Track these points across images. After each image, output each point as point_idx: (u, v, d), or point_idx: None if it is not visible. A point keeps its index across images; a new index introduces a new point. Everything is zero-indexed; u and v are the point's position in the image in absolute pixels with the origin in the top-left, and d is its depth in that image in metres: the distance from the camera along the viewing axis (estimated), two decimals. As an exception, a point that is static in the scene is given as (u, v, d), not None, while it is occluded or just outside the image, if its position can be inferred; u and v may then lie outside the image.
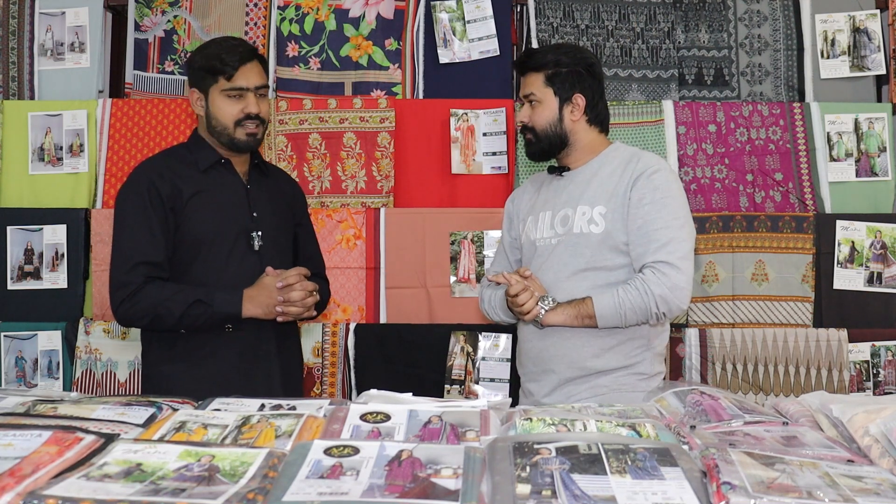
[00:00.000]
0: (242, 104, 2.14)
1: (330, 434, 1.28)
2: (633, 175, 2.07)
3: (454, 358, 3.00)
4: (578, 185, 2.16)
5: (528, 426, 1.29)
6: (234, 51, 2.14)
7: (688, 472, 1.08)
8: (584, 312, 2.02)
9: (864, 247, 3.10)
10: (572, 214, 2.12)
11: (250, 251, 2.18)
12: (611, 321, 2.01)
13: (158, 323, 2.08)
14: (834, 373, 2.99)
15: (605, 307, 2.00)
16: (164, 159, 2.23)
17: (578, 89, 2.15)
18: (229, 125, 2.15)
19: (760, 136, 3.20)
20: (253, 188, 2.26)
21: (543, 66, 2.16)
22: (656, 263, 1.99)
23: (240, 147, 2.18)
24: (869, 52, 3.26)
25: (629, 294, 1.99)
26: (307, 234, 2.44)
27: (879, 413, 1.27)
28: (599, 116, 2.20)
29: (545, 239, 2.17)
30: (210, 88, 2.15)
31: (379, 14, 3.30)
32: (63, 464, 1.11)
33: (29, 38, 3.30)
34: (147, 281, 2.07)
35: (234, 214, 2.19)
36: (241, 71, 2.13)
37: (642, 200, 2.04)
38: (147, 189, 2.11)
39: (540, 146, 2.19)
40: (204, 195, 2.16)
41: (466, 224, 3.12)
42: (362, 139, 3.20)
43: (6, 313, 3.13)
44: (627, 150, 2.19)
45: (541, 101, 2.17)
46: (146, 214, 2.09)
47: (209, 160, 2.20)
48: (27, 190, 3.21)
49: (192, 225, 2.13)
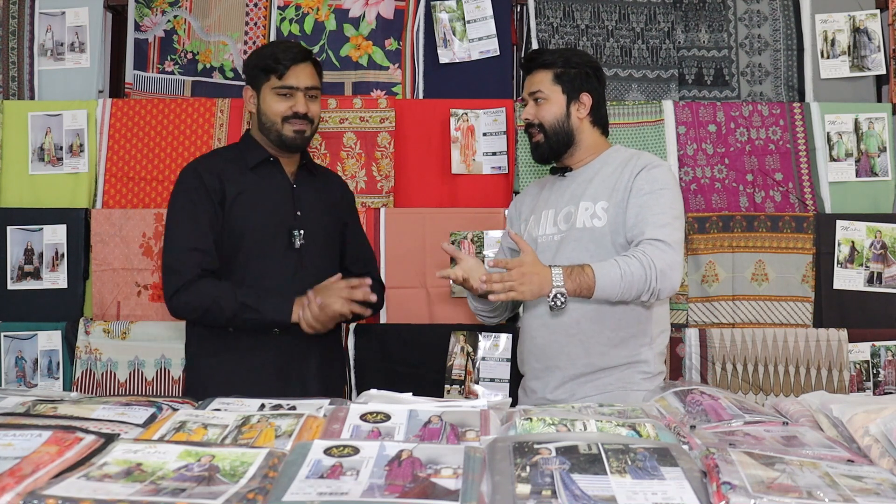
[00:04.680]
0: (291, 102, 2.21)
1: (330, 434, 1.28)
2: (635, 170, 2.10)
3: (454, 358, 3.00)
4: (581, 183, 2.18)
5: (528, 426, 1.29)
6: (288, 51, 2.23)
7: (688, 472, 1.08)
8: (585, 281, 1.90)
9: (864, 247, 3.10)
10: (575, 211, 2.14)
11: (290, 249, 2.23)
12: (609, 291, 1.92)
13: (208, 319, 2.15)
14: (834, 373, 2.99)
15: (605, 275, 1.91)
16: (214, 157, 2.34)
17: (586, 89, 2.20)
18: (277, 121, 2.22)
19: (760, 136, 3.20)
20: (299, 188, 2.30)
21: (552, 65, 2.20)
22: (654, 241, 1.97)
23: (287, 144, 2.24)
24: (869, 52, 3.26)
25: (631, 265, 1.92)
26: (354, 234, 2.47)
27: (879, 413, 1.27)
28: (602, 119, 2.25)
29: (547, 235, 2.18)
30: (262, 86, 2.23)
31: (379, 14, 3.30)
32: (63, 464, 1.11)
33: (29, 38, 3.30)
34: (202, 274, 2.13)
35: (277, 212, 2.24)
36: (292, 70, 2.20)
37: (641, 190, 2.07)
38: (196, 184, 2.19)
39: (548, 143, 2.20)
40: (249, 192, 2.23)
41: (466, 224, 3.12)
42: (362, 139, 3.20)
43: (6, 313, 3.13)
44: (628, 151, 2.23)
45: (548, 98, 2.19)
46: (195, 207, 2.17)
47: (257, 158, 2.27)
48: (27, 190, 3.21)
49: (236, 220, 2.20)
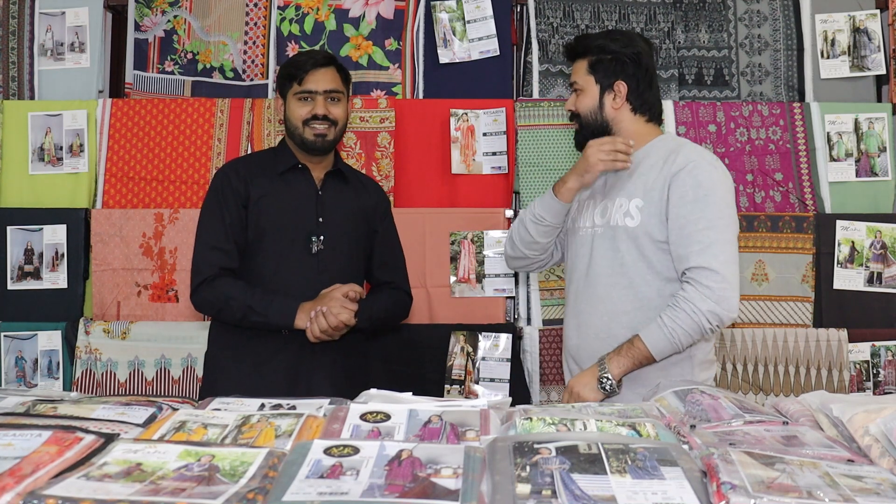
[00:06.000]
0: (311, 106, 2.26)
1: (330, 434, 1.28)
2: (672, 171, 2.00)
3: (454, 358, 3.00)
4: (620, 176, 2.10)
5: (528, 426, 1.29)
6: (309, 58, 2.28)
7: (688, 472, 1.08)
8: (639, 356, 1.93)
9: (864, 247, 3.10)
10: (611, 206, 2.08)
11: (307, 254, 2.26)
12: (666, 352, 1.93)
13: (223, 317, 2.24)
14: (834, 373, 2.99)
15: (657, 341, 1.92)
16: (247, 160, 2.44)
17: (621, 77, 2.09)
18: (299, 125, 2.26)
19: (760, 136, 3.20)
20: (325, 194, 2.33)
21: (588, 52, 2.12)
22: (698, 271, 1.91)
23: (309, 146, 2.28)
24: (869, 52, 3.26)
25: (677, 319, 1.90)
26: (384, 241, 2.44)
27: (879, 413, 1.27)
28: (646, 105, 2.12)
29: (585, 228, 2.14)
30: (287, 93, 2.30)
31: (379, 14, 3.30)
32: (63, 464, 1.11)
33: (29, 38, 3.30)
34: (221, 273, 2.21)
35: (297, 217, 2.27)
36: (311, 75, 2.25)
37: (684, 198, 1.96)
38: (223, 186, 2.28)
39: (583, 134, 2.14)
40: (272, 196, 2.28)
41: (466, 224, 3.12)
42: (362, 139, 3.20)
43: (6, 313, 3.13)
44: (671, 142, 2.11)
45: (583, 89, 2.13)
46: (220, 208, 2.26)
47: (286, 164, 2.32)
48: (27, 190, 3.21)
49: (257, 223, 2.26)
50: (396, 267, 2.46)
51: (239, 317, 2.18)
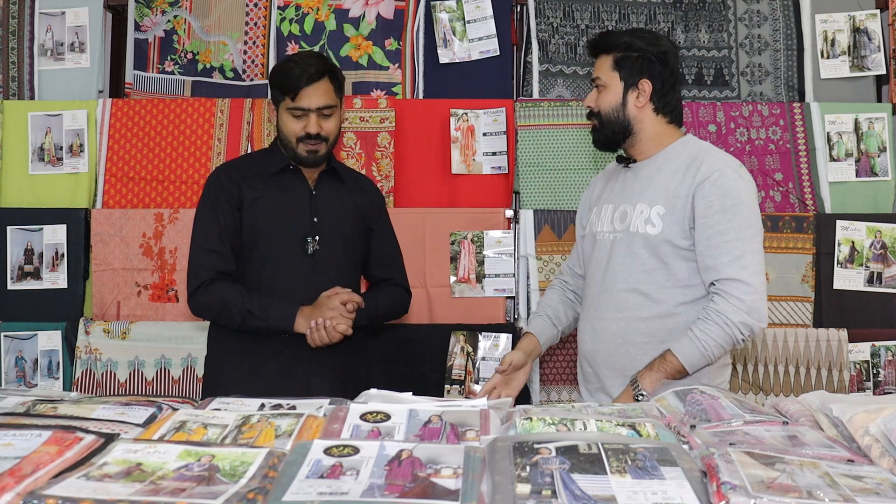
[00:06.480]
0: (304, 123, 2.22)
1: (330, 434, 1.28)
2: (697, 180, 1.96)
3: (454, 358, 3.00)
4: (641, 180, 2.06)
5: (528, 426, 1.29)
6: (304, 71, 2.21)
7: (688, 472, 1.08)
8: (672, 370, 1.91)
9: (864, 247, 3.10)
10: (631, 211, 2.05)
11: (303, 255, 2.25)
12: (699, 364, 1.92)
13: (221, 320, 2.24)
14: (834, 373, 2.99)
15: (691, 355, 1.90)
16: (240, 162, 2.43)
17: (646, 75, 2.04)
18: (293, 141, 2.25)
19: (760, 136, 3.20)
20: (319, 194, 2.32)
21: (614, 49, 2.07)
22: (728, 283, 1.89)
23: (302, 162, 2.28)
24: (869, 52, 3.26)
25: (710, 331, 1.89)
26: (380, 239, 2.44)
27: (879, 413, 1.27)
28: (669, 106, 2.08)
29: (604, 234, 2.11)
30: (279, 104, 2.27)
31: (379, 14, 3.30)
32: (63, 464, 1.11)
33: (29, 38, 3.30)
34: (217, 276, 2.20)
35: (292, 218, 2.27)
36: (304, 92, 2.20)
37: (711, 208, 1.93)
38: (216, 189, 2.27)
39: (603, 133, 2.10)
40: (266, 198, 2.27)
41: (466, 224, 3.12)
42: (362, 139, 3.20)
43: (6, 313, 3.13)
44: (694, 147, 2.07)
45: (606, 85, 2.07)
46: (214, 210, 2.25)
47: (279, 165, 2.30)
48: (27, 190, 3.21)
49: (251, 225, 2.25)
50: (394, 264, 2.46)
51: (238, 321, 2.18)
